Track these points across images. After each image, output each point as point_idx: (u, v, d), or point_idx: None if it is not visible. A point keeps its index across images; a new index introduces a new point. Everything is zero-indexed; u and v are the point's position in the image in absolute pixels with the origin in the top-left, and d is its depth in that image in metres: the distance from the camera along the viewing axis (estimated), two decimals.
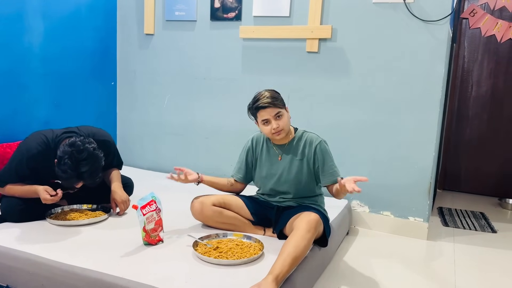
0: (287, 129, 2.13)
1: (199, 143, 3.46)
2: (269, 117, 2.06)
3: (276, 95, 2.11)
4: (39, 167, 2.24)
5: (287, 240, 1.82)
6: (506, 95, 4.02)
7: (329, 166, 2.13)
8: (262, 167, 2.25)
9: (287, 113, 2.12)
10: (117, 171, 2.60)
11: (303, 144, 2.16)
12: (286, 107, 2.14)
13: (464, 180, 4.26)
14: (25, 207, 2.23)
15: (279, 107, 2.07)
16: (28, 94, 2.94)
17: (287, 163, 2.18)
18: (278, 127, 2.07)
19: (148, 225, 1.99)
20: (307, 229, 1.85)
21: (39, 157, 2.21)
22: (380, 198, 2.91)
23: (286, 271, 1.68)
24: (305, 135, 2.19)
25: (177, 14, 3.37)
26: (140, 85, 3.63)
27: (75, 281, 1.72)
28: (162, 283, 1.63)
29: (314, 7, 2.89)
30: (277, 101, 2.07)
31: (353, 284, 2.15)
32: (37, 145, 2.21)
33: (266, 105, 2.04)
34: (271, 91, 2.12)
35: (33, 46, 2.95)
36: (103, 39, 3.54)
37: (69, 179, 2.08)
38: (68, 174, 2.04)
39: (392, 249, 2.65)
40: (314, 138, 2.16)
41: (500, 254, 2.67)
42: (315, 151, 2.13)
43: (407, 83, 2.75)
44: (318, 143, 2.14)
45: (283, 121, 2.08)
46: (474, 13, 2.93)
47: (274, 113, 2.05)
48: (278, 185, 2.22)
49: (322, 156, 2.13)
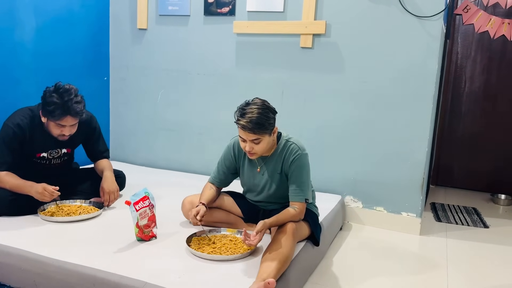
0: (263, 152, 1.99)
1: (192, 138, 3.45)
2: (245, 138, 1.92)
3: (264, 119, 1.88)
4: (26, 136, 2.29)
5: (268, 248, 1.77)
6: (499, 91, 4.04)
7: (297, 183, 1.98)
8: (244, 176, 2.18)
9: (269, 138, 1.94)
10: (108, 161, 2.63)
11: (284, 156, 2.02)
12: (272, 131, 1.95)
13: (457, 175, 4.28)
14: (16, 199, 2.22)
15: (259, 134, 1.89)
16: (20, 89, 2.91)
17: (268, 177, 2.08)
18: (251, 150, 1.94)
19: (141, 221, 1.98)
20: (285, 238, 1.80)
21: (25, 124, 2.28)
22: (373, 193, 2.91)
23: (273, 275, 1.62)
24: (287, 145, 2.03)
25: (170, 8, 3.35)
26: (133, 81, 3.61)
27: (67, 277, 1.71)
28: (155, 279, 1.62)
29: (308, 3, 2.88)
30: (260, 128, 1.87)
31: (346, 279, 2.15)
32: (21, 115, 2.31)
33: (244, 128, 1.88)
34: (262, 112, 1.88)
35: (24, 41, 2.91)
36: (95, 34, 3.51)
37: (55, 111, 2.18)
38: (55, 106, 2.17)
39: (385, 244, 2.66)
40: (295, 149, 2.01)
41: (492, 249, 2.69)
42: (290, 165, 2.00)
43: (401, 78, 2.75)
44: (295, 157, 1.99)
45: (259, 147, 1.93)
46: (468, 9, 2.93)
47: (251, 138, 1.90)
48: (260, 196, 2.17)
49: (294, 171, 1.99)
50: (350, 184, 2.97)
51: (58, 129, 2.26)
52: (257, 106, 1.90)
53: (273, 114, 1.96)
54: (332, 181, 3.00)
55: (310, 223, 2.06)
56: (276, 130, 2.00)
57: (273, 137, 1.99)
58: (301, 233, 1.99)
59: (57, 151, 2.45)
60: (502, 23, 2.87)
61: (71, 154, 2.58)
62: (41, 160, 2.41)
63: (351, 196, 2.99)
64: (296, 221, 1.94)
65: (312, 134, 3.01)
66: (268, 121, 1.90)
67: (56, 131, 2.27)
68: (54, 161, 2.47)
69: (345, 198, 3.00)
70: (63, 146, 2.46)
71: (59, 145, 2.43)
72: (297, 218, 1.95)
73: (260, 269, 1.66)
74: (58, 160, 2.48)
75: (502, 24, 2.87)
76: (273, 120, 1.95)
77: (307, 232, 2.05)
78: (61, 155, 2.48)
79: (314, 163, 2.97)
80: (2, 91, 2.79)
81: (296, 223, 1.92)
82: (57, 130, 2.26)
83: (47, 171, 2.44)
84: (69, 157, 2.57)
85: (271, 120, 1.93)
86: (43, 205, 2.31)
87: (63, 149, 2.47)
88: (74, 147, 2.56)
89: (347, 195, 2.99)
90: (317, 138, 3.00)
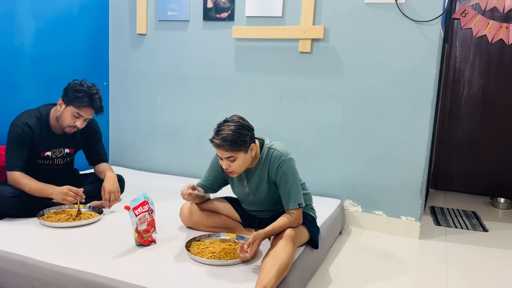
0: (242, 169, 1.95)
1: (191, 143, 3.45)
2: (221, 156, 1.91)
3: (236, 136, 1.84)
4: (35, 135, 2.33)
5: (268, 254, 1.76)
6: (498, 95, 4.05)
7: (287, 190, 1.95)
8: (234, 188, 2.17)
9: (245, 156, 1.90)
10: (108, 164, 2.67)
11: (268, 164, 1.99)
12: (248, 148, 1.90)
13: (456, 179, 4.28)
14: (17, 199, 2.24)
15: (233, 152, 1.86)
16: (19, 94, 2.92)
17: (255, 187, 2.06)
18: (228, 168, 1.92)
19: (141, 226, 1.98)
20: (284, 244, 1.79)
21: (33, 123, 2.33)
22: (373, 197, 2.92)
23: (274, 282, 1.61)
24: (270, 152, 1.99)
25: (169, 14, 3.36)
26: (132, 85, 3.61)
27: (66, 283, 1.71)
28: (154, 284, 1.62)
29: (307, 8, 2.89)
30: (233, 145, 1.84)
31: (346, 283, 2.15)
32: (27, 115, 2.37)
33: (216, 146, 1.87)
34: (235, 130, 1.86)
35: (24, 46, 2.92)
36: (95, 39, 3.52)
37: (83, 98, 2.29)
38: (82, 93, 2.29)
39: (385, 248, 2.66)
40: (278, 156, 1.96)
41: (492, 253, 2.69)
42: (276, 173, 1.96)
43: (399, 83, 2.76)
44: (279, 164, 1.95)
45: (235, 164, 1.90)
46: (466, 13, 2.95)
47: (225, 156, 1.88)
48: (252, 206, 2.17)
49: (281, 179, 1.96)
50: (349, 188, 2.97)
51: (73, 119, 2.33)
52: (233, 124, 1.88)
53: (249, 132, 1.92)
54: (331, 185, 3.00)
55: (308, 227, 2.05)
56: (254, 147, 1.94)
57: (250, 154, 1.93)
58: (301, 238, 1.98)
59: (60, 151, 2.49)
60: (500, 27, 2.88)
61: (73, 156, 2.61)
62: (45, 160, 2.44)
63: (350, 200, 2.99)
64: (294, 226, 1.94)
65: (311, 138, 3.02)
66: (242, 139, 1.86)
67: (70, 120, 2.33)
68: (57, 161, 2.50)
69: (345, 202, 3.00)
70: (66, 146, 2.50)
71: (63, 144, 2.48)
72: (295, 224, 1.94)
73: (260, 275, 1.65)
74: (61, 160, 2.51)
75: (500, 28, 2.89)
76: (249, 138, 1.91)
77: (306, 236, 2.05)
78: (64, 154, 2.51)
79: (313, 167, 2.99)
80: (2, 96, 2.80)
81: (296, 229, 1.92)
82: (71, 120, 2.33)
83: (49, 172, 2.47)
84: (71, 159, 2.61)
85: (246, 137, 1.88)
86: (43, 210, 2.31)
87: (66, 148, 2.51)
88: (77, 148, 2.59)
89: (346, 199, 2.99)
90: (316, 142, 3.01)
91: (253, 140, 1.95)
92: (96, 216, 2.33)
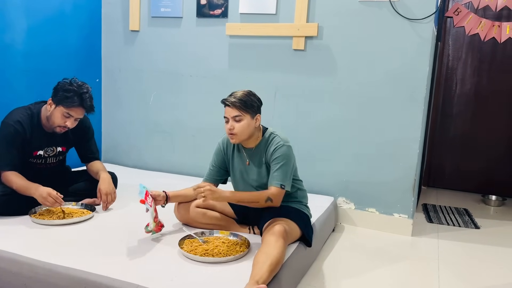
0: (243, 137, 2.04)
1: (185, 140, 3.44)
2: (228, 116, 2.02)
3: (247, 98, 2.01)
4: (26, 133, 2.30)
5: (259, 251, 1.78)
6: (490, 93, 4.07)
7: (275, 171, 2.02)
8: (235, 171, 2.21)
9: (250, 121, 2.02)
10: (101, 163, 2.64)
11: (267, 147, 2.08)
12: (255, 115, 2.04)
13: (449, 177, 4.31)
14: (8, 198, 2.22)
15: (241, 111, 1.99)
16: (11, 91, 2.89)
17: (256, 168, 2.13)
18: (232, 129, 2.01)
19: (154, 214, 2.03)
20: (275, 240, 1.80)
21: (24, 121, 2.30)
22: (366, 195, 2.93)
23: (266, 277, 1.62)
24: (271, 137, 2.09)
25: (162, 10, 3.34)
26: (125, 82, 3.59)
27: (58, 280, 1.70)
28: (147, 282, 1.62)
29: (301, 5, 2.89)
30: (243, 105, 1.99)
31: (339, 280, 2.16)
32: (19, 113, 2.33)
33: (228, 103, 2.01)
34: (247, 94, 2.03)
35: (15, 42, 2.90)
36: (87, 36, 3.49)
37: (73, 98, 2.25)
38: (72, 92, 2.25)
39: (377, 245, 2.67)
40: (277, 141, 2.06)
41: (483, 250, 2.71)
42: (272, 154, 2.05)
43: (392, 81, 2.77)
44: (276, 147, 2.04)
45: (239, 126, 2.00)
46: (458, 11, 2.96)
47: (233, 114, 2.00)
48: (252, 190, 2.17)
49: (274, 160, 2.03)
50: (342, 185, 2.98)
51: (63, 119, 2.29)
52: (244, 90, 2.07)
53: (258, 102, 2.08)
54: (324, 183, 3.01)
55: (299, 225, 2.06)
56: (259, 118, 2.08)
57: (255, 123, 2.05)
58: (291, 235, 1.99)
59: (53, 149, 2.46)
60: (493, 25, 2.90)
61: (65, 154, 2.59)
62: (37, 159, 2.42)
63: (343, 197, 3.00)
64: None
65: (304, 136, 3.02)
66: (251, 103, 2.02)
67: (60, 120, 2.29)
68: (50, 160, 2.47)
69: (338, 199, 3.01)
70: (58, 144, 2.47)
71: (55, 143, 2.45)
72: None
73: (253, 271, 1.66)
74: (54, 159, 2.49)
75: (492, 26, 2.90)
76: (257, 106, 2.06)
77: (298, 233, 2.05)
78: (56, 153, 2.49)
79: (307, 164, 3.00)
80: None
81: (286, 225, 1.93)
82: (61, 120, 2.29)
83: (42, 171, 2.45)
84: (63, 157, 2.59)
85: (255, 103, 2.04)
86: (35, 208, 2.29)
87: (59, 147, 2.49)
88: (69, 146, 2.57)
89: (339, 197, 3.00)
90: (310, 139, 3.01)
91: (260, 111, 2.08)
92: (88, 213, 2.32)
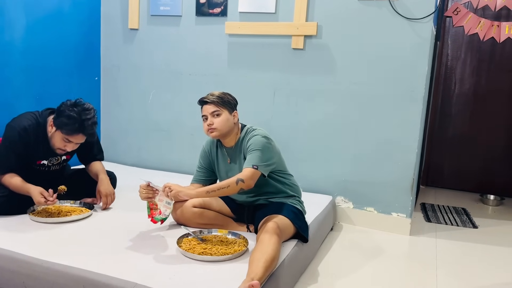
0: (223, 130, 2.09)
1: (184, 139, 3.44)
2: (206, 114, 2.09)
3: (223, 96, 2.11)
4: (31, 141, 2.26)
5: (254, 249, 1.79)
6: (488, 93, 4.08)
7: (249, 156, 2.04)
8: (220, 171, 2.25)
9: (229, 116, 2.09)
10: (101, 163, 2.61)
11: (245, 142, 2.13)
12: (232, 112, 2.12)
13: (447, 176, 4.32)
14: (7, 198, 2.21)
15: (219, 106, 2.07)
16: (9, 88, 2.89)
17: (237, 165, 2.16)
18: (212, 124, 2.07)
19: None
20: (268, 238, 1.81)
21: (31, 129, 2.25)
22: (364, 194, 2.93)
23: (262, 273, 1.62)
24: (249, 131, 2.15)
25: (162, 9, 3.34)
26: (124, 81, 3.59)
27: (56, 278, 1.70)
28: (145, 280, 1.62)
29: (300, 4, 2.89)
30: (220, 100, 2.08)
31: (337, 279, 2.16)
32: (27, 119, 2.28)
33: (206, 100, 2.09)
34: (223, 92, 2.14)
35: (15, 40, 2.89)
36: (86, 34, 3.49)
37: (71, 126, 2.17)
38: (72, 120, 2.15)
39: (375, 244, 2.67)
40: (253, 134, 2.11)
41: (481, 249, 2.72)
42: (247, 142, 2.09)
43: (391, 80, 2.77)
44: (251, 136, 2.09)
45: (218, 120, 2.07)
46: (458, 11, 2.96)
47: (211, 110, 2.07)
48: None
49: (248, 147, 2.07)
50: (340, 184, 2.98)
51: (63, 143, 2.24)
52: (220, 91, 2.16)
53: (234, 101, 2.16)
54: (323, 182, 3.01)
55: (292, 220, 2.04)
56: (236, 115, 2.15)
57: (233, 119, 2.12)
58: (285, 231, 1.99)
59: (57, 159, 2.43)
60: (492, 25, 2.90)
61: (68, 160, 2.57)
62: (41, 167, 2.39)
63: (342, 196, 3.00)
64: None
65: (303, 135, 3.02)
66: (228, 100, 2.12)
67: (60, 144, 2.24)
68: (54, 167, 2.45)
69: (336, 198, 3.01)
70: (63, 154, 2.42)
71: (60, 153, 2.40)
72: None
73: (249, 269, 1.67)
74: (57, 166, 2.47)
75: (491, 26, 2.90)
76: (234, 104, 2.15)
77: (292, 229, 2.05)
78: (60, 161, 2.46)
79: (305, 163, 3.00)
80: None
81: (278, 221, 1.93)
82: (61, 144, 2.24)
83: (44, 175, 2.42)
84: (66, 163, 2.57)
85: (232, 101, 2.14)
86: (33, 206, 2.29)
87: (63, 156, 2.45)
88: (73, 153, 2.52)
89: (338, 196, 3.01)
90: (308, 138, 3.01)
91: (236, 109, 2.17)
92: (87, 212, 2.32)
